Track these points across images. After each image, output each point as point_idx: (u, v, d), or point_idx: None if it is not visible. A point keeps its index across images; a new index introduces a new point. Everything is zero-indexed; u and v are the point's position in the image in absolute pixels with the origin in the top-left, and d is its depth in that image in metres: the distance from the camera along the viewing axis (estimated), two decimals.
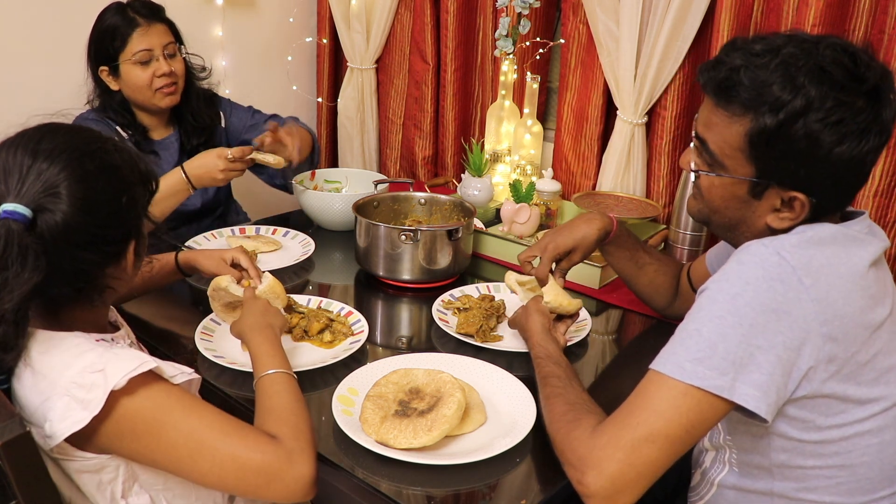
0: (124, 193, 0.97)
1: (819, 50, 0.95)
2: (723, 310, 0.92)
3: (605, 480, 0.91)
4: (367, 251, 1.67)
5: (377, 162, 2.65)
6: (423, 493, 1.05)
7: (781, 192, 1.00)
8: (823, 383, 0.94)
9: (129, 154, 1.02)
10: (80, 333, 0.99)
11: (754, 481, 1.05)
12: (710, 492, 1.11)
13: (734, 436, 1.05)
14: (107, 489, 0.99)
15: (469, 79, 2.33)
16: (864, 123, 0.93)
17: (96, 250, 0.96)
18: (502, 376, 1.28)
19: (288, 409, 1.04)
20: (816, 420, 0.97)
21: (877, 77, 0.94)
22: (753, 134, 0.97)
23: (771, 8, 1.68)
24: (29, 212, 0.90)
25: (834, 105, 0.92)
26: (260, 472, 0.94)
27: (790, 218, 1.01)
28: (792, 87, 0.93)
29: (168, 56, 1.80)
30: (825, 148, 0.94)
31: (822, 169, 0.95)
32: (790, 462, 1.01)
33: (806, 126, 0.93)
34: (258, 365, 1.12)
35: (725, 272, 0.95)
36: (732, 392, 0.90)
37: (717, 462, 1.10)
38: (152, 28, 1.78)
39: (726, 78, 0.99)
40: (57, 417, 0.91)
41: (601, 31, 1.89)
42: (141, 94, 1.81)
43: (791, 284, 0.92)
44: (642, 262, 1.46)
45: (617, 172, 1.96)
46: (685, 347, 0.93)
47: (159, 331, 1.48)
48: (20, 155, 0.93)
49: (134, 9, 1.77)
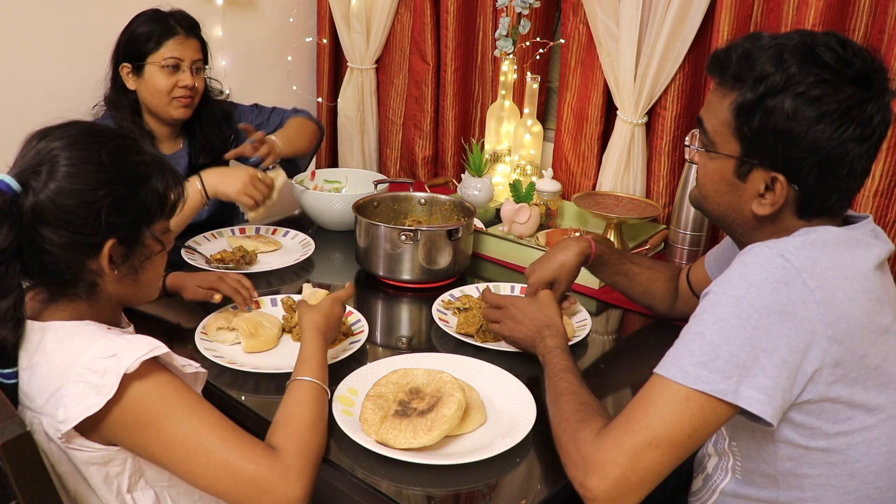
0: (104, 188, 0.97)
1: (815, 36, 0.97)
2: (726, 312, 0.91)
3: (608, 485, 0.91)
4: (367, 251, 1.67)
5: (377, 162, 2.65)
6: (423, 493, 1.05)
7: (764, 173, 1.00)
8: (830, 387, 0.93)
9: (149, 166, 1.02)
10: (91, 322, 1.01)
11: (759, 490, 1.03)
12: (711, 498, 1.10)
13: (739, 442, 1.04)
14: (113, 483, 0.99)
15: (469, 79, 2.33)
16: (844, 105, 0.93)
17: (63, 234, 0.96)
18: (502, 376, 1.28)
19: (306, 425, 1.03)
20: (824, 427, 0.95)
21: (866, 65, 0.94)
22: (738, 107, 0.99)
23: (771, 8, 1.68)
24: (15, 183, 0.94)
25: (815, 81, 0.93)
26: (251, 484, 0.94)
27: (770, 203, 1.01)
28: (776, 62, 0.95)
29: (194, 71, 1.81)
30: (803, 124, 0.94)
31: (801, 149, 0.95)
32: (796, 470, 0.99)
33: (785, 99, 0.94)
34: (304, 365, 1.13)
35: (729, 275, 0.95)
36: (737, 396, 0.89)
37: (720, 469, 1.09)
38: (188, 41, 1.80)
39: (723, 55, 1.02)
40: (71, 403, 0.92)
41: (601, 31, 1.89)
42: (157, 99, 1.80)
43: (796, 286, 0.91)
44: (632, 273, 1.47)
45: (617, 172, 1.96)
46: (688, 351, 0.92)
47: (159, 331, 1.47)
48: (35, 137, 0.99)
49: (176, 19, 1.80)
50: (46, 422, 0.95)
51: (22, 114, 1.84)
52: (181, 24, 1.79)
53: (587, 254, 1.41)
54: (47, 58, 1.96)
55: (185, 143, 1.92)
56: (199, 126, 1.91)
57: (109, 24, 1.90)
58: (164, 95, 1.78)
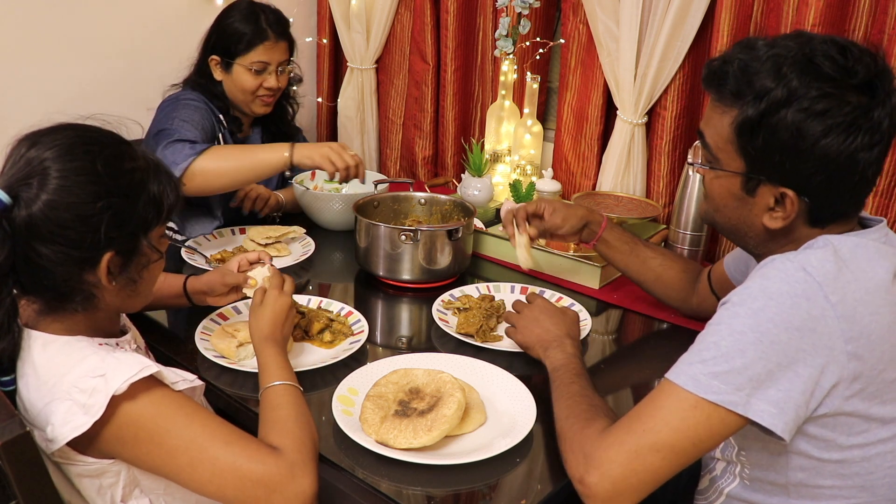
0: (102, 200, 0.94)
1: (813, 44, 0.94)
2: (744, 325, 0.90)
3: (608, 483, 0.91)
4: (367, 251, 1.67)
5: (377, 162, 2.65)
6: (423, 493, 1.05)
7: (772, 188, 0.98)
8: (846, 401, 0.91)
9: (145, 172, 0.99)
10: (82, 337, 0.99)
11: (767, 497, 1.02)
12: (718, 499, 1.09)
13: (749, 452, 1.03)
14: (107, 493, 0.99)
15: (469, 79, 2.33)
16: (851, 117, 0.90)
17: (57, 249, 0.93)
18: (502, 376, 1.28)
19: (292, 422, 1.03)
20: (838, 439, 0.94)
21: (869, 72, 0.92)
22: (739, 124, 0.97)
23: (771, 8, 1.68)
24: (5, 195, 0.91)
25: (819, 95, 0.91)
26: (260, 484, 0.93)
27: (782, 217, 0.99)
28: (776, 76, 0.93)
29: (280, 72, 1.86)
30: (809, 140, 0.91)
31: (809, 164, 0.93)
32: (808, 482, 0.98)
33: (789, 116, 0.92)
34: (265, 375, 1.12)
35: (749, 286, 0.93)
36: (747, 408, 0.88)
37: (728, 473, 1.08)
38: (278, 45, 1.84)
39: (719, 69, 0.99)
40: (59, 422, 0.91)
41: (601, 31, 1.89)
42: (242, 96, 1.87)
43: (817, 301, 0.89)
44: (644, 255, 1.45)
45: (617, 172, 1.96)
46: (701, 359, 0.91)
47: (159, 331, 1.47)
48: (24, 145, 0.95)
49: (268, 20, 1.82)
50: (38, 435, 0.94)
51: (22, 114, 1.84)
52: (273, 27, 1.82)
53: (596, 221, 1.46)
54: (47, 58, 1.96)
55: (258, 129, 2.01)
56: (271, 117, 1.99)
57: (110, 24, 1.91)
58: (248, 94, 1.86)
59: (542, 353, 1.27)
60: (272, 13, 1.85)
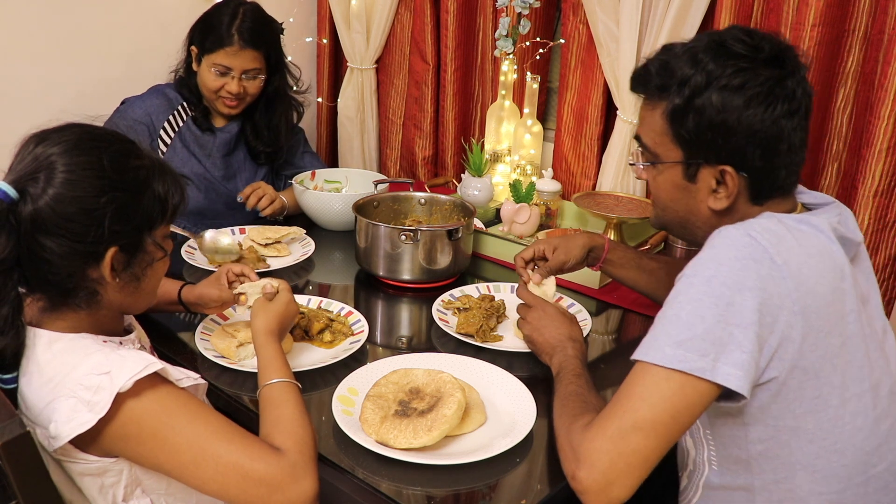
0: (106, 195, 0.95)
1: (721, 33, 1.04)
2: (699, 292, 0.94)
3: (597, 474, 0.92)
4: (367, 251, 1.67)
5: (377, 162, 2.65)
6: (423, 493, 1.05)
7: (712, 169, 1.04)
8: (795, 363, 0.95)
9: (150, 171, 1.00)
10: (86, 335, 1.00)
11: (734, 477, 1.05)
12: (696, 496, 1.11)
13: (713, 429, 1.05)
14: (108, 492, 0.99)
15: (469, 79, 2.33)
16: (766, 86, 0.98)
17: (62, 242, 0.94)
18: (502, 376, 1.28)
19: (293, 421, 1.03)
20: (791, 406, 0.98)
21: (774, 47, 1.00)
22: (669, 113, 1.04)
23: (771, 8, 1.68)
24: (12, 190, 0.92)
25: (734, 71, 0.99)
26: (262, 483, 0.93)
27: (725, 195, 1.05)
28: (693, 63, 1.01)
29: (245, 78, 1.85)
30: (734, 113, 0.99)
31: (739, 136, 1.00)
32: (767, 453, 1.01)
33: (711, 95, 0.99)
34: (269, 370, 1.12)
35: (700, 257, 0.97)
36: (714, 374, 0.91)
37: (699, 463, 1.10)
38: (243, 52, 1.81)
39: (643, 71, 1.08)
40: (62, 419, 0.91)
41: (601, 30, 1.89)
42: (206, 92, 1.89)
43: (764, 262, 0.93)
44: (649, 267, 1.46)
45: (617, 172, 1.96)
46: (665, 332, 0.94)
47: (159, 331, 1.47)
48: (32, 142, 0.96)
49: (240, 26, 1.80)
50: (40, 432, 0.94)
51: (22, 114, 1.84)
52: (242, 34, 1.79)
53: (598, 246, 1.44)
54: (47, 58, 1.96)
55: (234, 122, 1.98)
56: (257, 114, 1.98)
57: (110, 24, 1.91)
58: (211, 93, 1.87)
59: (547, 359, 1.28)
60: (249, 20, 1.81)
